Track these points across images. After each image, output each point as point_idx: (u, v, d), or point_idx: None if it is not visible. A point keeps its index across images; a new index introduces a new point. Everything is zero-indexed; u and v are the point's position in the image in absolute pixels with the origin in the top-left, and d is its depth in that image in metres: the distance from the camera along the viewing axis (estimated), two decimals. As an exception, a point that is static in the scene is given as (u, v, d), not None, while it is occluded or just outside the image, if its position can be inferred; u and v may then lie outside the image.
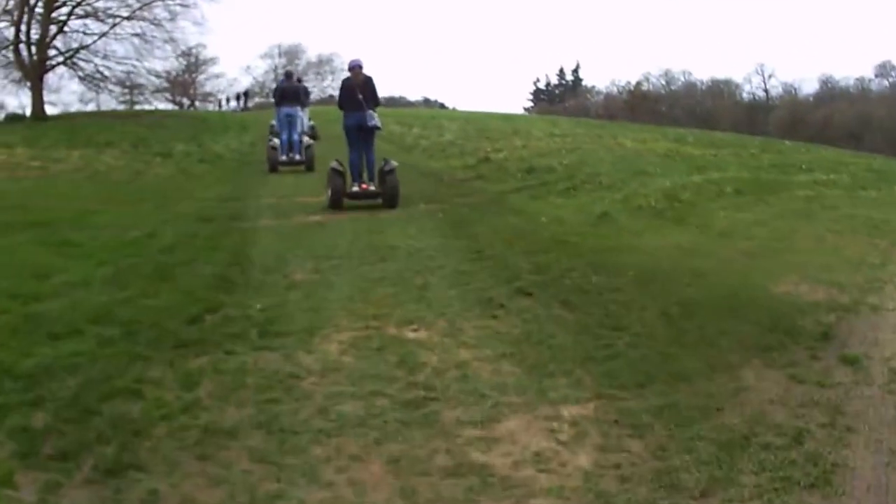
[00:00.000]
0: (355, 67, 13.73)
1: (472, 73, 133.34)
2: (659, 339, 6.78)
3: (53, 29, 38.59)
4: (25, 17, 37.84)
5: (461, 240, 10.86)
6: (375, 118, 13.49)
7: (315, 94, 68.52)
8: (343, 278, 8.84)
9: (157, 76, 43.02)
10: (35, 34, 38.42)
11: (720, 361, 6.28)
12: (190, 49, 54.18)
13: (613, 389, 5.84)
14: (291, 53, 77.78)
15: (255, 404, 5.51)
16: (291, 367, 6.14)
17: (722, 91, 76.64)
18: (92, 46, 39.84)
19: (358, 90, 13.39)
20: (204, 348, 6.52)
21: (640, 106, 70.58)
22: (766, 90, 77.05)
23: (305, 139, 20.59)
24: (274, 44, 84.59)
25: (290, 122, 20.23)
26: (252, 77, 77.69)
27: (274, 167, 19.61)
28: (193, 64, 63.77)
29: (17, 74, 40.02)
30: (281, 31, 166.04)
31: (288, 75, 23.96)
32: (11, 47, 38.49)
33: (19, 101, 52.03)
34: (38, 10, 38.22)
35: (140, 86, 43.42)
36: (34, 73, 38.41)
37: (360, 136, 13.74)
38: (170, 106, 59.18)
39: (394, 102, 73.59)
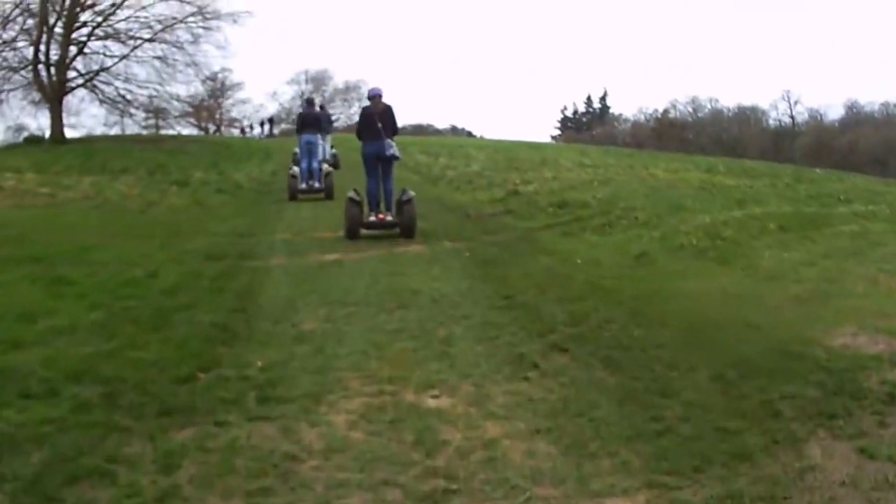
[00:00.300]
0: (375, 96, 13.70)
1: (499, 101, 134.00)
2: (714, 408, 5.88)
3: (73, 50, 38.70)
4: (44, 38, 37.65)
5: (489, 283, 10.02)
6: (394, 147, 13.49)
7: (341, 121, 68.59)
8: (357, 329, 8.01)
9: (179, 100, 42.86)
10: (55, 55, 38.32)
11: (783, 434, 5.42)
12: (215, 74, 54.74)
13: (665, 475, 4.93)
14: (318, 80, 77.96)
15: (244, 496, 4.65)
16: (290, 445, 5.28)
17: (748, 118, 76.28)
18: (113, 69, 40.05)
19: (377, 119, 13.34)
20: (191, 417, 5.67)
21: (668, 133, 70.38)
22: (791, 116, 76.79)
23: (325, 167, 20.55)
24: (301, 70, 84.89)
25: (311, 149, 20.21)
26: (278, 103, 78.35)
27: (293, 195, 19.45)
28: (219, 89, 64.19)
29: (36, 96, 39.95)
30: (308, 58, 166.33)
31: (309, 102, 23.78)
32: (30, 67, 38.33)
33: (38, 123, 51.44)
34: (58, 30, 38.08)
35: (162, 110, 43.29)
36: (53, 95, 38.20)
37: (379, 165, 13.66)
38: (195, 131, 59.83)
39: (421, 130, 75.33)
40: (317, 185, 19.98)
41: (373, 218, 13.61)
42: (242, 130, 69.39)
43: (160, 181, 23.66)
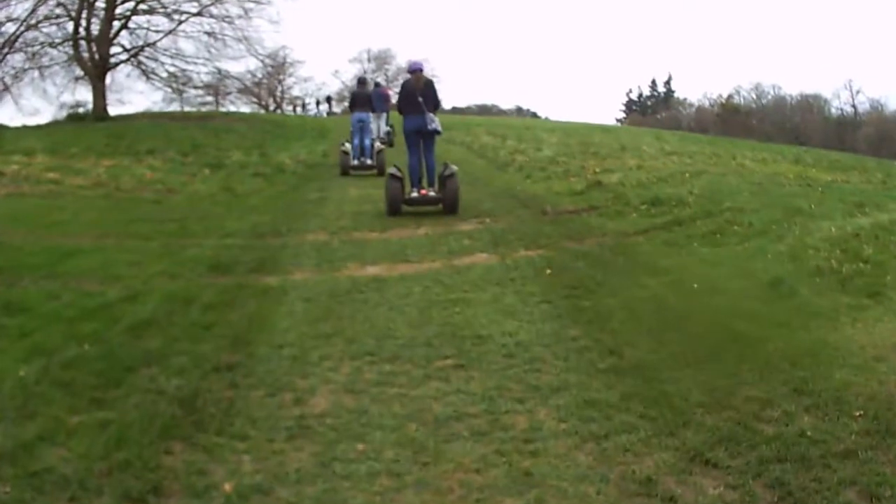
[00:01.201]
0: (416, 70, 13.78)
1: (564, 83, 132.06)
2: None
3: (116, 25, 37.25)
4: (85, 12, 36.24)
5: (583, 325, 7.31)
6: (436, 121, 13.42)
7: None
8: (391, 411, 5.38)
9: (230, 76, 41.30)
10: (96, 30, 36.94)
11: None
12: (275, 51, 54.36)
13: None
14: (381, 58, 78.01)
15: None
16: None
17: (811, 106, 74.91)
18: (159, 45, 38.76)
19: (418, 93, 13.31)
20: None
21: (732, 119, 69.44)
22: (854, 106, 75.14)
23: (378, 144, 21.01)
24: (363, 48, 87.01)
25: (362, 127, 20.76)
26: (340, 81, 78.18)
27: (345, 171, 20.12)
28: (280, 66, 63.70)
29: (79, 72, 38.38)
30: (371, 36, 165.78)
31: (361, 81, 24.06)
32: (70, 43, 36.93)
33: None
34: (100, 3, 36.64)
35: (212, 86, 41.58)
36: (94, 71, 36.75)
37: (420, 139, 13.62)
38: (255, 108, 60.18)
39: (486, 111, 75.38)
40: (368, 161, 20.36)
41: (415, 193, 13.64)
42: (294, 108, 69.24)
43: (190, 164, 21.34)
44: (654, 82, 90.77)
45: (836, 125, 71.47)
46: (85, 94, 38.95)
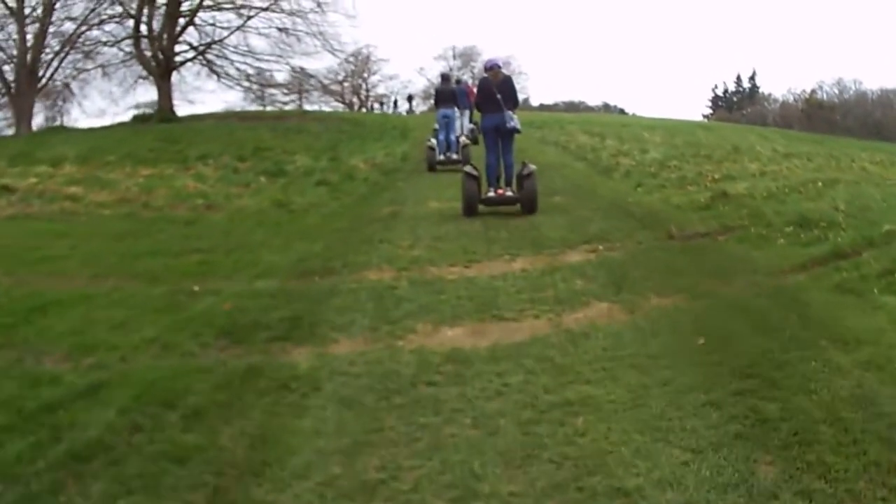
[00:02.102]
0: (493, 67, 13.68)
1: (648, 78, 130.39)
2: None
3: (181, 23, 36.75)
4: (146, 10, 35.72)
5: (779, 456, 4.49)
6: (514, 120, 13.23)
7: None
8: None
9: (305, 74, 40.19)
10: (163, 30, 35.93)
11: None
12: (358, 49, 53.84)
13: None
14: (466, 56, 76.57)
15: None
16: None
17: (891, 101, 73.88)
18: (228, 42, 37.95)
19: (496, 90, 13.14)
20: None
21: (817, 115, 68.88)
22: None
23: (462, 139, 21.07)
24: (448, 46, 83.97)
25: (447, 122, 20.81)
26: (426, 79, 76.67)
27: (432, 167, 20.21)
28: (363, 63, 64.30)
29: (143, 71, 37.69)
30: (456, 34, 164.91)
31: (445, 78, 24.60)
32: (132, 42, 36.16)
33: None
34: (161, 0, 35.50)
35: (284, 85, 40.14)
36: (158, 70, 36.07)
37: (499, 137, 13.43)
38: (339, 108, 60.42)
39: (574, 107, 76.05)
40: (454, 156, 20.30)
41: (492, 193, 13.47)
42: (370, 107, 68.58)
43: (246, 171, 19.01)
44: (738, 77, 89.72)
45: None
46: (153, 95, 37.52)
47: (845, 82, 78.56)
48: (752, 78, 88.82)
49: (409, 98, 67.99)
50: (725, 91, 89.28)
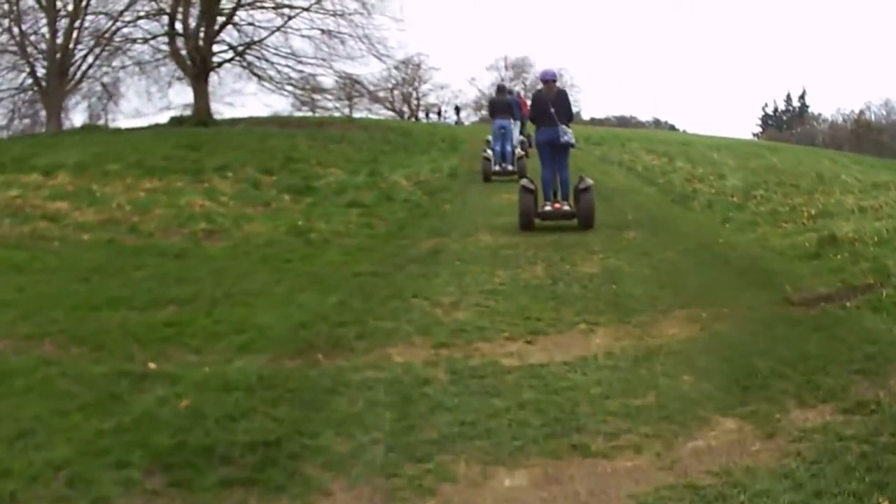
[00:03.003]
0: (549, 80, 13.51)
1: (697, 95, 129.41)
2: None
3: (219, 21, 34.42)
4: (181, 7, 33.51)
5: None
6: (569, 134, 13.05)
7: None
8: None
9: (350, 79, 37.23)
10: (199, 27, 33.96)
11: None
12: (409, 57, 52.25)
13: None
14: (518, 66, 76.24)
15: None
16: None
17: None
18: (269, 43, 35.43)
19: (550, 104, 12.92)
20: None
21: (866, 136, 68.86)
22: None
23: (518, 150, 20.98)
24: (500, 56, 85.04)
25: (503, 133, 20.63)
26: (477, 89, 77.08)
27: (487, 177, 20.16)
28: (414, 71, 63.08)
29: (179, 72, 35.58)
30: (509, 44, 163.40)
31: (500, 89, 24.37)
32: (167, 40, 34.21)
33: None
34: (196, -1, 33.35)
35: (325, 90, 38.03)
36: (193, 71, 33.81)
37: (553, 152, 13.15)
38: (389, 116, 59.50)
39: (625, 122, 76.42)
40: (510, 167, 20.21)
41: (548, 207, 13.18)
42: (414, 116, 67.28)
43: (268, 187, 16.59)
44: (788, 96, 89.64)
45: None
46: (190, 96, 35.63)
47: (893, 103, 78.30)
48: (801, 97, 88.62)
49: (457, 109, 67.25)
50: (775, 110, 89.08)
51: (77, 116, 44.08)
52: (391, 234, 12.48)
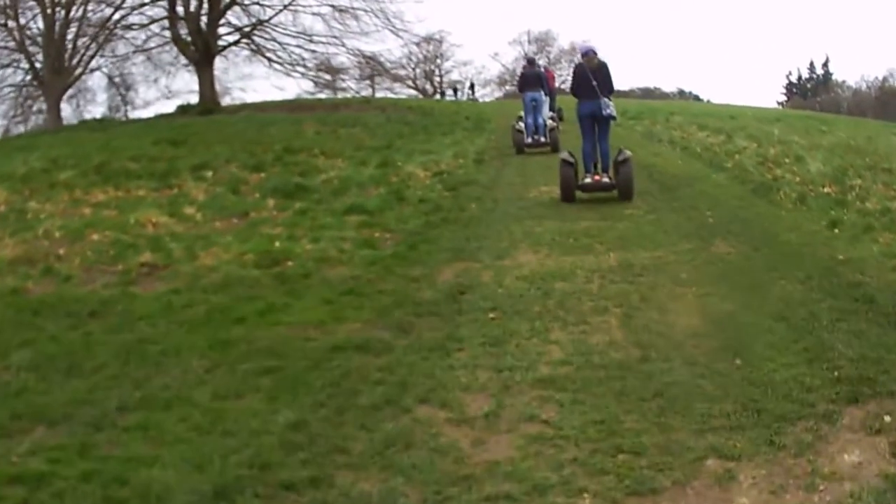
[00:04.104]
0: (588, 52, 13.16)
1: (720, 64, 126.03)
2: None
3: (219, 4, 31.46)
4: None
5: None
6: (611, 107, 12.68)
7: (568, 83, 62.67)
8: None
9: (365, 57, 33.87)
10: (200, 9, 31.21)
11: None
12: (430, 35, 48.15)
13: None
14: (542, 41, 73.56)
15: None
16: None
17: None
18: (277, 22, 32.31)
19: (592, 77, 12.53)
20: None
21: (892, 103, 67.03)
22: None
23: (550, 122, 20.37)
24: (523, 30, 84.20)
25: (535, 106, 20.08)
26: (500, 64, 75.34)
27: (520, 149, 19.50)
28: (436, 48, 61.10)
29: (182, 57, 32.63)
30: (531, 17, 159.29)
31: (530, 62, 23.69)
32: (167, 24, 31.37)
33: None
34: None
35: (338, 70, 35.57)
36: (198, 56, 31.12)
37: (595, 124, 12.74)
38: (413, 94, 58.44)
39: (649, 94, 73.97)
40: (542, 139, 19.79)
41: (588, 179, 12.72)
42: (441, 94, 64.03)
43: (252, 188, 13.29)
44: (811, 64, 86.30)
45: None
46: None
47: None
48: (825, 65, 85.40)
49: (472, 86, 64.50)
50: (799, 78, 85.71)
51: (97, 109, 41.51)
52: (399, 257, 8.91)
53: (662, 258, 8.39)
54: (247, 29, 32.10)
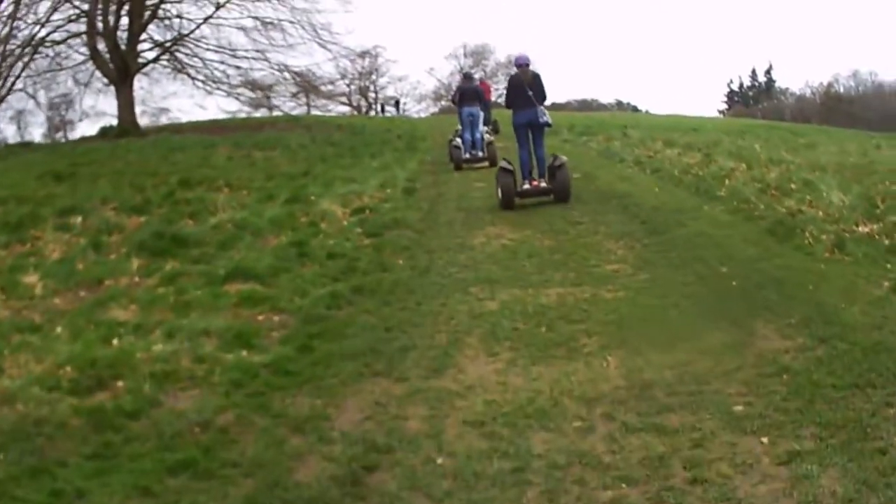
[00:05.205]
0: (523, 64, 13.03)
1: (660, 74, 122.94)
2: None
3: (141, 18, 28.67)
4: (100, 6, 27.31)
5: None
6: (546, 115, 12.59)
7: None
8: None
9: (289, 71, 30.66)
10: (118, 24, 28.34)
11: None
12: (365, 50, 46.93)
13: None
14: (478, 54, 70.24)
15: None
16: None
17: None
18: (200, 36, 29.51)
19: (527, 87, 12.42)
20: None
21: (836, 108, 66.76)
22: None
23: (487, 136, 19.11)
24: (459, 44, 77.41)
25: (472, 121, 18.89)
26: (436, 79, 71.80)
27: (458, 166, 18.26)
28: (372, 62, 57.85)
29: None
30: (467, 31, 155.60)
31: (467, 76, 22.66)
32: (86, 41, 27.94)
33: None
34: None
35: (261, 87, 31.56)
36: (117, 75, 27.82)
37: (530, 132, 12.57)
38: (348, 111, 53.59)
39: (587, 105, 71.50)
40: (480, 154, 18.51)
41: (527, 185, 12.53)
42: (376, 110, 61.13)
43: (119, 243, 9.79)
44: (753, 72, 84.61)
45: (939, 111, 69.25)
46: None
47: (861, 74, 74.62)
48: (768, 72, 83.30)
49: (396, 102, 61.18)
50: (741, 86, 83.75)
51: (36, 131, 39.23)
52: (281, 370, 5.51)
53: (691, 367, 5.12)
54: (168, 44, 29.16)
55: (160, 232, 9.88)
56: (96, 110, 35.08)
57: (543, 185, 12.37)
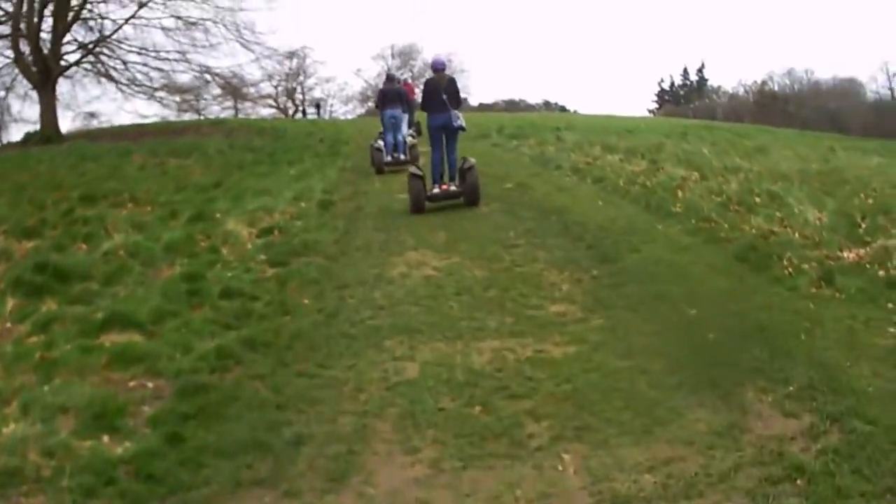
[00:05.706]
0: (440, 68, 12.98)
1: (589, 74, 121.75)
2: None
3: (65, 19, 27.14)
4: (24, 6, 26.09)
5: None
6: (460, 118, 12.43)
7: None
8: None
9: (211, 73, 29.44)
10: (41, 25, 26.78)
11: None
12: (293, 51, 44.14)
13: None
14: (406, 54, 68.35)
15: None
16: None
17: (847, 91, 68.66)
18: (122, 38, 28.04)
19: (442, 91, 12.33)
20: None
21: (770, 107, 65.29)
22: (891, 89, 68.02)
23: (410, 139, 18.49)
24: (387, 44, 76.71)
25: (394, 123, 18.25)
26: (363, 80, 70.12)
27: (380, 169, 17.46)
28: (300, 63, 55.07)
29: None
30: (394, 31, 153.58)
31: (390, 78, 21.30)
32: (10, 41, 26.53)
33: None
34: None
35: (193, 89, 31.08)
36: (39, 78, 26.52)
37: (444, 136, 12.48)
38: (275, 113, 54.16)
39: (514, 106, 70.54)
40: (402, 157, 17.71)
41: (437, 190, 12.41)
42: (285, 112, 59.40)
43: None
44: (685, 70, 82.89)
45: (875, 110, 64.00)
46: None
47: (797, 72, 73.47)
48: (700, 70, 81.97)
49: (317, 105, 59.91)
50: (672, 84, 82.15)
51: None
52: (139, 477, 4.00)
53: (675, 468, 3.84)
54: (91, 46, 27.57)
55: (43, 263, 8.25)
56: (22, 116, 33.28)
57: (454, 188, 12.30)
